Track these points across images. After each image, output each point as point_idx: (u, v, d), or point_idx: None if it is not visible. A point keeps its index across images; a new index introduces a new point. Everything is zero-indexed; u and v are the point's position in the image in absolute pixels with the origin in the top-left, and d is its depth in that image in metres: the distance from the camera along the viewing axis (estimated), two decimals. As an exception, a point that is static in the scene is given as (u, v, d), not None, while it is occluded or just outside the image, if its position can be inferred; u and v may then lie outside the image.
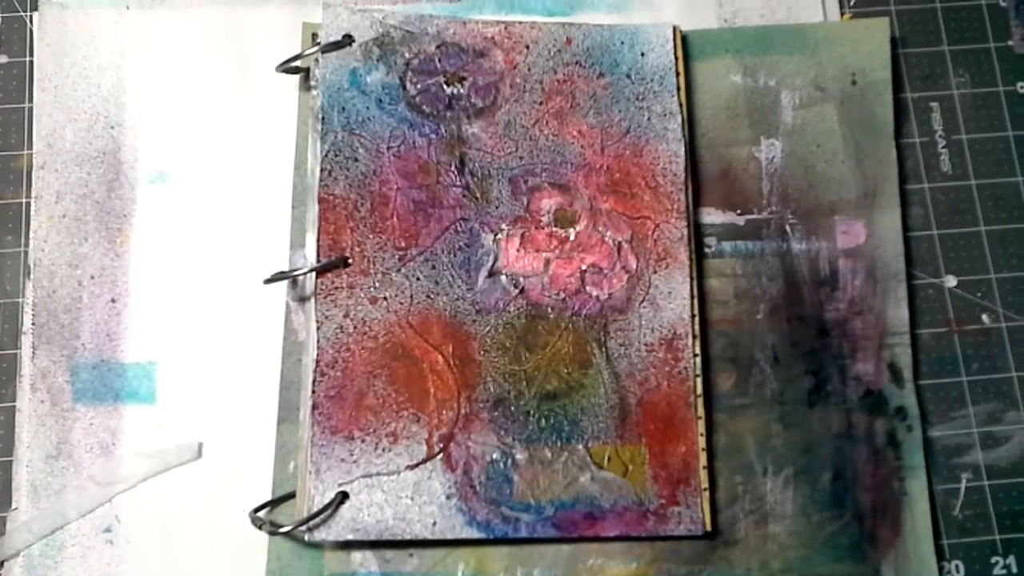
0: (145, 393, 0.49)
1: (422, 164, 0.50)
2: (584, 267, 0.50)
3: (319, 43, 0.50)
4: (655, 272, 0.50)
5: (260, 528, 0.46)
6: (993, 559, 0.50)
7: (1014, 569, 0.49)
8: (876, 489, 0.49)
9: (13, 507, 0.48)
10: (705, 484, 0.48)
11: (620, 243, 0.50)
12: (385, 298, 0.48)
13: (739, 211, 0.52)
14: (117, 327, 0.50)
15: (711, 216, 0.52)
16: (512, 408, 0.48)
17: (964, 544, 0.50)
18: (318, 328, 0.47)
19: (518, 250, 0.50)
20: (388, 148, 0.50)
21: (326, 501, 0.46)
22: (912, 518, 0.49)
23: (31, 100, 0.53)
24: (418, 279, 0.49)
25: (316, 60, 0.50)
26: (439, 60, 0.51)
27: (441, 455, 0.47)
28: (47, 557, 0.48)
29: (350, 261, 0.48)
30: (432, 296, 0.49)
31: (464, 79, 0.51)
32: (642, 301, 0.49)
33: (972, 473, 0.51)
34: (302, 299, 0.50)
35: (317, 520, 0.46)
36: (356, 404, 0.47)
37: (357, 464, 0.46)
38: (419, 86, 0.51)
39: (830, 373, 0.50)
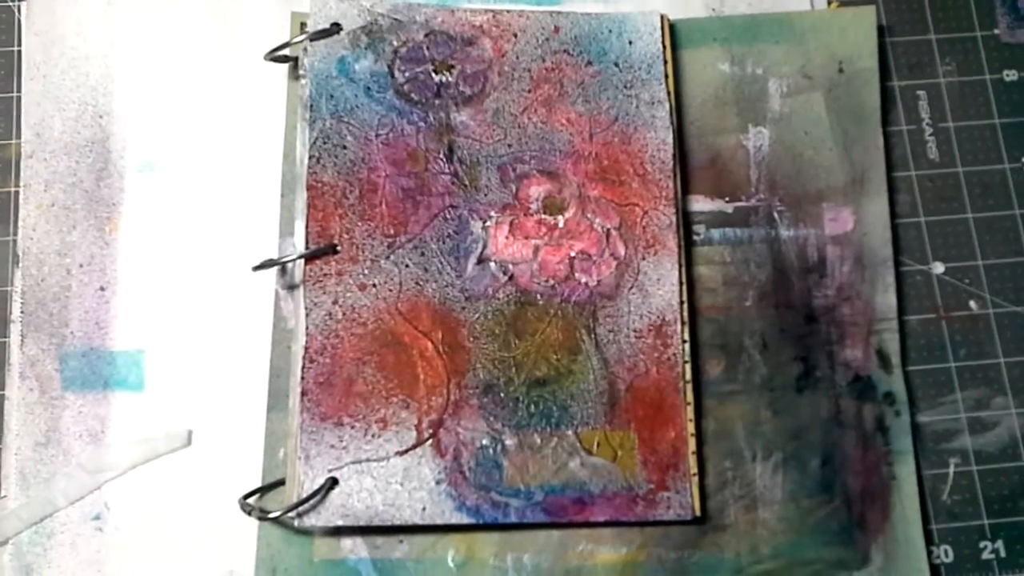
0: (134, 381, 0.49)
1: (411, 152, 0.50)
2: (573, 254, 0.50)
3: (307, 31, 0.50)
4: (644, 259, 0.50)
5: (250, 514, 0.46)
6: (981, 543, 0.50)
7: (1002, 553, 0.50)
8: (865, 474, 0.49)
9: (2, 495, 0.48)
10: (694, 469, 0.48)
11: (609, 230, 0.50)
12: (374, 285, 0.48)
13: (727, 199, 0.52)
14: (106, 315, 0.50)
15: (699, 203, 0.52)
16: (501, 394, 0.48)
17: (952, 528, 0.50)
18: (307, 315, 0.47)
19: (507, 237, 0.50)
20: (376, 136, 0.50)
21: (315, 487, 0.46)
22: (901, 503, 0.49)
23: (19, 89, 0.52)
24: (407, 266, 0.49)
25: (304, 48, 0.51)
26: (427, 48, 0.51)
27: (431, 441, 0.47)
28: (36, 545, 0.48)
29: (339, 248, 0.48)
30: (421, 283, 0.49)
31: (452, 67, 0.51)
32: (631, 288, 0.50)
33: (960, 458, 0.51)
34: (291, 286, 0.50)
35: (307, 506, 0.46)
36: (345, 391, 0.47)
37: (347, 450, 0.46)
38: (407, 74, 0.51)
39: (818, 359, 0.51)
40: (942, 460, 0.51)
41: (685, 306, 0.50)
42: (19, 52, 0.53)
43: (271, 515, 0.46)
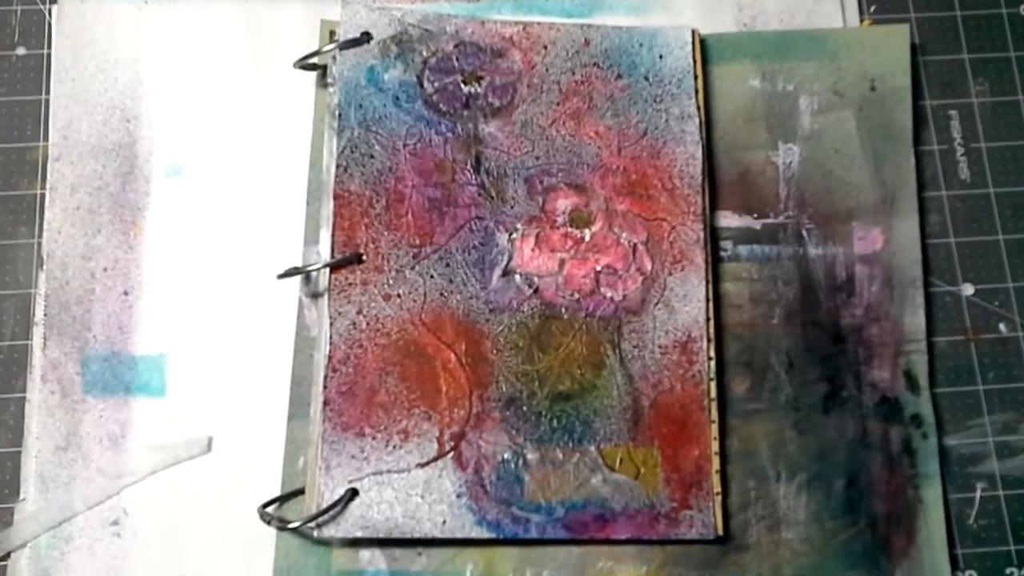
0: (156, 386, 0.49)
1: (438, 162, 0.50)
2: (599, 268, 0.49)
3: (337, 40, 0.50)
4: (670, 274, 0.49)
5: (268, 524, 0.46)
6: (1008, 570, 0.49)
7: (1029, 581, 0.49)
8: (890, 497, 0.49)
9: (21, 498, 0.48)
10: (718, 488, 0.48)
11: (635, 245, 0.50)
12: (399, 295, 0.48)
13: (756, 215, 0.52)
14: (129, 319, 0.50)
15: (727, 219, 0.52)
16: (524, 408, 0.48)
17: (978, 554, 0.49)
18: (331, 324, 0.47)
19: (533, 250, 0.49)
20: (404, 146, 0.50)
21: (335, 498, 0.45)
22: (926, 527, 0.49)
23: (48, 92, 0.52)
24: (432, 277, 0.48)
25: (334, 57, 0.50)
26: (457, 59, 0.51)
27: (452, 454, 0.47)
28: (54, 549, 0.47)
29: (364, 258, 0.48)
30: (446, 294, 0.48)
31: (481, 78, 0.51)
32: (657, 303, 0.49)
33: (987, 482, 0.50)
34: (315, 295, 0.50)
35: (326, 517, 0.45)
36: (368, 401, 0.47)
37: (367, 461, 0.46)
38: (436, 84, 0.51)
39: (845, 379, 0.50)
40: (969, 484, 0.50)
41: (711, 323, 0.49)
42: (48, 55, 0.53)
43: (290, 525, 0.45)
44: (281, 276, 0.48)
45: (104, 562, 0.47)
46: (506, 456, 0.47)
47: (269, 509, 0.47)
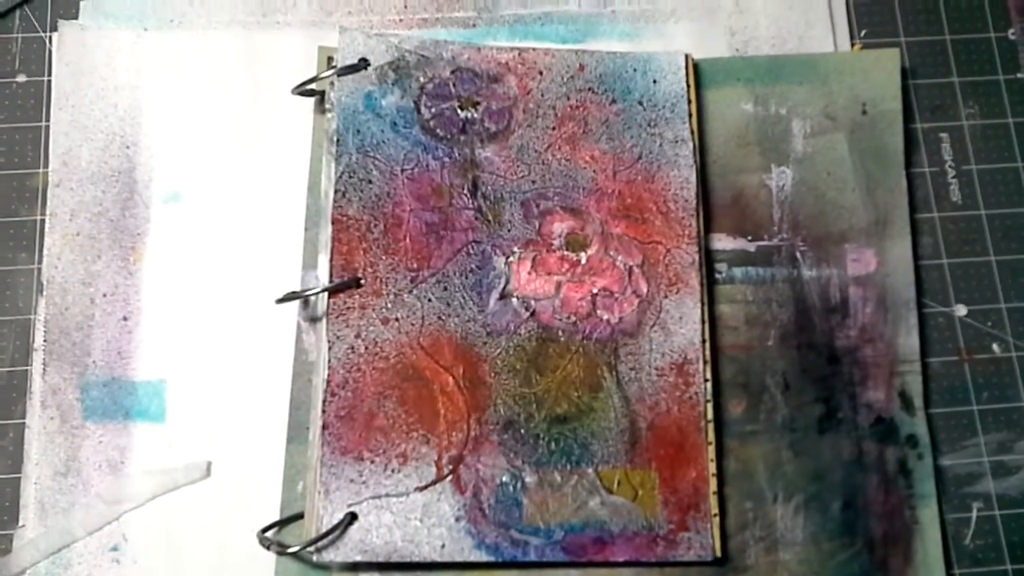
0: (155, 411, 0.49)
1: (435, 187, 0.50)
2: (595, 291, 0.50)
3: (335, 66, 0.51)
4: (666, 297, 0.50)
5: (268, 548, 0.46)
6: (1005, 590, 0.49)
7: (1026, 600, 0.49)
8: (887, 518, 0.49)
9: (20, 524, 0.48)
10: (715, 510, 0.48)
11: (631, 267, 0.50)
12: (397, 319, 0.48)
13: (750, 238, 0.52)
14: (128, 345, 0.50)
15: (722, 242, 0.52)
16: (522, 431, 0.48)
17: (975, 574, 0.49)
18: (329, 348, 0.47)
19: (529, 273, 0.50)
20: (402, 170, 0.50)
21: (335, 522, 0.46)
22: (923, 547, 0.49)
23: (48, 119, 0.53)
24: (430, 300, 0.49)
25: (331, 83, 0.51)
26: (453, 85, 0.52)
27: (450, 477, 0.47)
28: None
29: (362, 282, 0.48)
30: (443, 318, 0.49)
31: (478, 104, 0.52)
32: (653, 325, 0.49)
33: (983, 502, 0.50)
34: (313, 319, 0.50)
35: (325, 541, 0.45)
36: (366, 425, 0.47)
37: (366, 485, 0.46)
38: (433, 110, 0.51)
39: (841, 400, 0.50)
40: (965, 504, 0.50)
41: (707, 345, 0.49)
42: (49, 82, 0.54)
43: (289, 549, 0.46)
44: (280, 301, 0.49)
45: (103, 588, 0.47)
46: (504, 479, 0.47)
47: (268, 534, 0.47)
